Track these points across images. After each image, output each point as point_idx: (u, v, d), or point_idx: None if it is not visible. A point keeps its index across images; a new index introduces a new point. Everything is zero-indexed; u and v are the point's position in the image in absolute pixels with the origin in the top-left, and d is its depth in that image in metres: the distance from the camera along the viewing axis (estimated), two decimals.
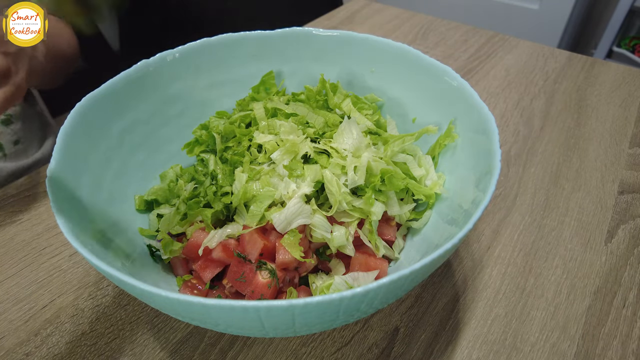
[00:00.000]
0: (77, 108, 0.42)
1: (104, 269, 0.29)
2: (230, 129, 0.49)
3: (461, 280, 0.48)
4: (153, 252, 0.45)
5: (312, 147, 0.44)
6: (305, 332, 0.33)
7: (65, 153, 0.38)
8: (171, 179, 0.49)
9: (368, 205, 0.42)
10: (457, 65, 0.83)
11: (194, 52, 0.52)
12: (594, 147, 0.64)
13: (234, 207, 0.43)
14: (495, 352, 0.42)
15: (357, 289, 0.27)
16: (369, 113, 0.52)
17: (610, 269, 0.49)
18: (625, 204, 0.56)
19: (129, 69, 0.47)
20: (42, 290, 0.47)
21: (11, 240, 0.52)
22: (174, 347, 0.42)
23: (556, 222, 0.54)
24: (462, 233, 0.31)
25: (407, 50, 0.50)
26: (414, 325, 0.44)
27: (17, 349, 0.42)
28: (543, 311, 0.45)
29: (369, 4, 1.06)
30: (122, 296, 0.46)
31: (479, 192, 0.37)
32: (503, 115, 0.71)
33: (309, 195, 0.41)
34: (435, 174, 0.46)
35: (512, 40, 0.91)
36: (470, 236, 0.52)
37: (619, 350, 0.42)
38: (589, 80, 0.79)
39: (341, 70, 0.56)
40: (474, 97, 0.43)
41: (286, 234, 0.40)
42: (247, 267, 0.40)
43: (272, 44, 0.55)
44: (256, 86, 0.56)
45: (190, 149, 0.52)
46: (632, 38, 1.89)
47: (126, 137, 0.47)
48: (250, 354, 0.42)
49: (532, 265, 0.49)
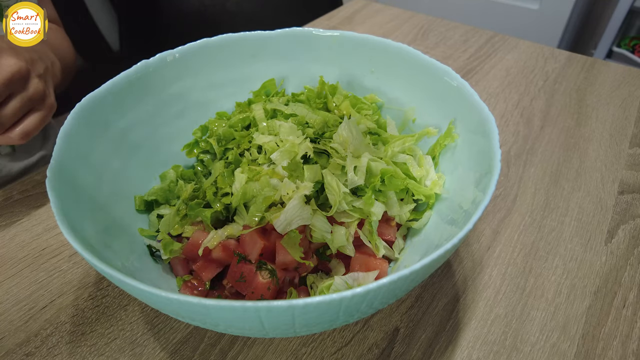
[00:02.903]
0: (77, 108, 0.42)
1: (104, 269, 0.29)
2: (229, 132, 0.49)
3: (461, 280, 0.48)
4: (153, 252, 0.45)
5: (312, 147, 0.44)
6: (305, 332, 0.33)
7: (65, 153, 0.38)
8: (171, 180, 0.49)
9: (368, 205, 0.42)
10: (457, 65, 0.83)
11: (194, 52, 0.52)
12: (594, 147, 0.64)
13: (233, 207, 0.43)
14: (495, 353, 0.42)
15: (357, 289, 0.27)
16: (368, 113, 0.52)
17: (610, 269, 0.49)
18: (625, 204, 0.56)
19: (129, 69, 0.47)
20: (42, 291, 0.47)
21: (11, 240, 0.52)
22: (174, 347, 0.42)
23: (556, 222, 0.54)
24: (462, 233, 0.31)
25: (407, 51, 0.50)
26: (414, 325, 0.44)
27: (17, 349, 0.42)
28: (543, 311, 0.45)
29: (369, 4, 1.06)
30: (122, 296, 0.46)
31: (479, 192, 0.37)
32: (503, 115, 0.71)
33: (309, 195, 0.41)
34: (435, 174, 0.46)
35: (512, 40, 0.91)
36: (470, 236, 0.52)
37: (619, 350, 0.42)
38: (589, 80, 0.79)
39: (341, 70, 0.56)
40: (474, 97, 0.43)
41: (286, 235, 0.40)
42: (247, 268, 0.40)
43: (272, 44, 0.55)
44: (257, 91, 0.56)
45: (189, 150, 0.52)
46: (632, 38, 1.89)
47: (126, 137, 0.47)
48: (250, 354, 0.42)
49: (532, 266, 0.49)
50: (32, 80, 0.49)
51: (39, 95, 0.50)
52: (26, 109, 0.49)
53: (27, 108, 0.49)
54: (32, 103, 0.49)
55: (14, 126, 0.48)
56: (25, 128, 0.49)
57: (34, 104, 0.50)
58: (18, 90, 0.47)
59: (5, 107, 0.46)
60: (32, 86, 0.49)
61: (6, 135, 0.48)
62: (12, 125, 0.48)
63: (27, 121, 0.49)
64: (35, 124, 0.50)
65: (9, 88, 0.46)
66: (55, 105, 0.53)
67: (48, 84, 0.54)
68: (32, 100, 0.49)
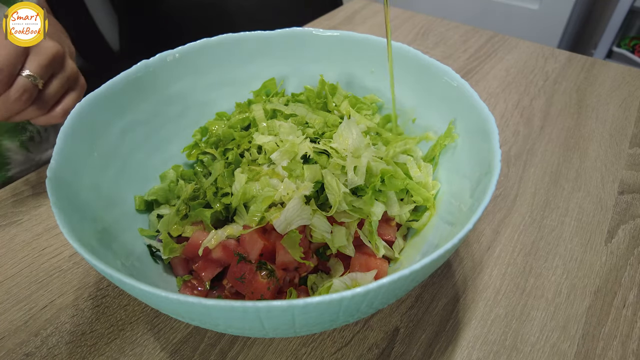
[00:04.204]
0: (77, 108, 0.42)
1: (104, 269, 0.29)
2: (229, 132, 0.49)
3: (461, 280, 0.48)
4: (153, 252, 0.45)
5: (312, 147, 0.44)
6: (305, 332, 0.33)
7: (65, 153, 0.38)
8: (171, 180, 0.49)
9: (368, 205, 0.42)
10: (457, 66, 0.83)
11: (194, 52, 0.52)
12: (594, 147, 0.64)
13: (233, 207, 0.43)
14: (495, 353, 0.42)
15: (357, 289, 0.26)
16: (368, 113, 0.52)
17: (610, 269, 0.49)
18: (625, 204, 0.56)
19: (129, 69, 0.47)
20: (42, 291, 0.47)
21: (11, 240, 0.52)
22: (174, 347, 0.42)
23: (556, 222, 0.54)
24: (462, 233, 0.31)
25: (407, 51, 0.50)
26: (414, 325, 0.44)
27: (17, 349, 0.42)
28: (543, 311, 0.45)
29: (369, 4, 1.06)
30: (122, 296, 0.46)
31: (479, 192, 0.37)
32: (503, 115, 0.71)
33: (309, 195, 0.41)
34: (431, 181, 0.46)
35: (512, 40, 0.91)
36: (470, 236, 0.52)
37: (619, 350, 0.42)
38: (589, 80, 0.79)
39: (341, 70, 0.56)
40: (474, 98, 0.43)
41: (286, 235, 0.40)
42: (247, 268, 0.40)
43: (272, 44, 0.55)
44: (257, 90, 0.56)
45: (189, 152, 0.52)
46: (632, 38, 1.89)
47: (126, 137, 0.47)
48: (250, 355, 0.42)
49: (532, 266, 0.49)
50: (68, 61, 0.51)
51: (75, 75, 0.52)
52: (65, 89, 0.51)
53: (66, 87, 0.51)
54: (69, 82, 0.51)
55: (54, 105, 0.50)
56: (65, 106, 0.51)
57: (70, 83, 0.52)
58: (58, 70, 0.50)
59: (48, 87, 0.48)
60: (68, 66, 0.51)
61: (49, 115, 0.50)
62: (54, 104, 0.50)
63: (67, 99, 0.51)
64: (73, 102, 0.51)
65: (52, 68, 0.48)
66: (85, 84, 0.55)
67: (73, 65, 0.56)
68: (69, 80, 0.51)
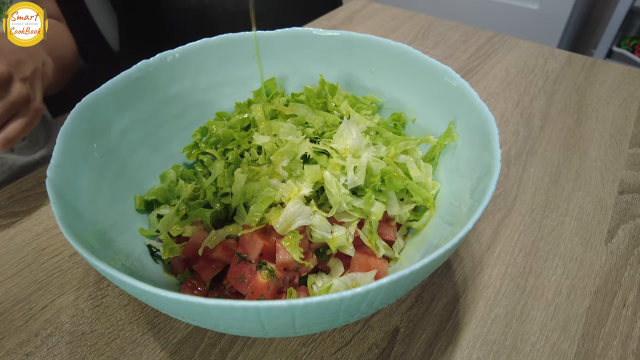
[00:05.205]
0: (77, 108, 0.42)
1: (104, 269, 0.29)
2: (229, 132, 0.49)
3: (461, 280, 0.48)
4: (153, 252, 0.45)
5: (312, 147, 0.44)
6: (305, 332, 0.33)
7: (65, 153, 0.38)
8: (171, 180, 0.49)
9: (368, 205, 0.42)
10: (457, 66, 0.83)
11: (194, 52, 0.52)
12: (594, 147, 0.64)
13: (233, 207, 0.43)
14: (495, 353, 0.42)
15: (357, 289, 0.27)
16: (368, 113, 0.52)
17: (610, 269, 0.49)
18: (625, 204, 0.56)
19: (129, 69, 0.47)
20: (42, 291, 0.47)
21: (11, 240, 0.52)
22: (174, 347, 0.42)
23: (556, 222, 0.54)
24: (462, 233, 0.31)
25: (407, 51, 0.50)
26: (414, 325, 0.44)
27: (17, 349, 0.42)
28: (543, 311, 0.45)
29: (369, 4, 1.06)
30: (122, 296, 0.46)
31: (479, 192, 0.37)
32: (503, 115, 0.71)
33: (309, 196, 0.41)
34: (431, 181, 0.46)
35: (512, 40, 0.91)
36: (470, 236, 0.52)
37: (619, 350, 0.42)
38: (589, 80, 0.79)
39: (341, 70, 0.56)
40: (474, 97, 0.43)
41: (286, 235, 0.40)
42: (247, 268, 0.40)
43: (272, 44, 0.55)
44: (257, 90, 0.56)
45: (189, 152, 0.52)
46: (632, 38, 1.89)
47: (126, 137, 0.47)
48: (250, 354, 0.42)
49: (532, 265, 0.49)
50: (15, 85, 0.48)
51: (22, 100, 0.48)
52: (8, 115, 0.47)
53: (10, 114, 0.47)
54: (14, 108, 0.48)
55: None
56: (7, 135, 0.47)
57: (16, 108, 0.48)
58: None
59: None
60: (14, 91, 0.47)
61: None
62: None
63: (9, 127, 0.48)
64: (19, 130, 0.48)
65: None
66: (41, 108, 0.51)
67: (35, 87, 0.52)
68: (14, 106, 0.47)
